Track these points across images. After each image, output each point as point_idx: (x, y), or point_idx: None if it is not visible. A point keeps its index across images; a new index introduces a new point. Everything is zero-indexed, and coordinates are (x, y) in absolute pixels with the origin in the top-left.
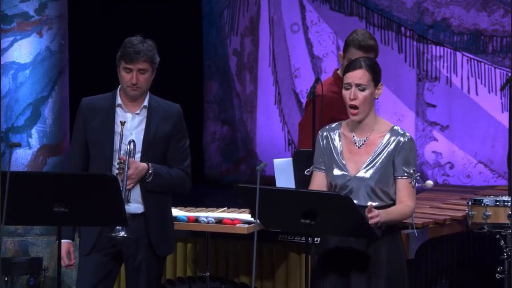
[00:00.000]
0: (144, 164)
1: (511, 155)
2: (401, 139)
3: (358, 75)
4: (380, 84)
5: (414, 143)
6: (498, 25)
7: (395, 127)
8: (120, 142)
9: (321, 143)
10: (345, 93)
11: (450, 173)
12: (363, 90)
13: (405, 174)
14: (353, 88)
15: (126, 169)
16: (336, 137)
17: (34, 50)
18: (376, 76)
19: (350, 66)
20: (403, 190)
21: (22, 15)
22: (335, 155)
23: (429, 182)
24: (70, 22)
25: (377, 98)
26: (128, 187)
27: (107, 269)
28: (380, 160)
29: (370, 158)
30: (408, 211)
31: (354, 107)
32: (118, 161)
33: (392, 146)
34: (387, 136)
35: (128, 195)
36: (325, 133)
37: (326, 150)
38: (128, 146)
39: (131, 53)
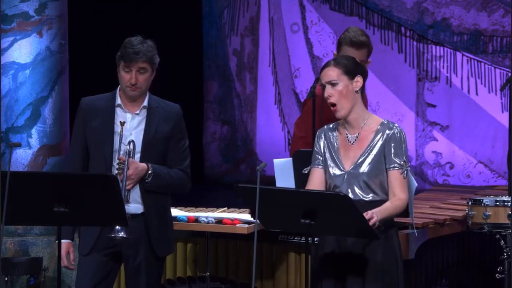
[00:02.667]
0: (144, 165)
1: (511, 155)
2: (391, 131)
3: (328, 73)
4: (357, 77)
5: (404, 134)
6: (498, 25)
7: (385, 121)
8: (120, 142)
9: (318, 142)
10: (324, 94)
11: (450, 173)
12: (336, 85)
13: (396, 165)
14: (327, 86)
15: (125, 169)
16: (333, 136)
17: (34, 50)
18: (347, 69)
19: (321, 69)
20: (394, 181)
21: (22, 15)
22: (332, 152)
23: None
24: (70, 22)
25: (357, 91)
26: (127, 187)
27: (107, 269)
28: (372, 154)
29: (362, 152)
30: (401, 204)
31: (332, 104)
32: (117, 161)
33: (382, 139)
34: (378, 129)
35: (127, 195)
36: (322, 133)
37: (324, 148)
38: (128, 146)
39: (130, 53)
